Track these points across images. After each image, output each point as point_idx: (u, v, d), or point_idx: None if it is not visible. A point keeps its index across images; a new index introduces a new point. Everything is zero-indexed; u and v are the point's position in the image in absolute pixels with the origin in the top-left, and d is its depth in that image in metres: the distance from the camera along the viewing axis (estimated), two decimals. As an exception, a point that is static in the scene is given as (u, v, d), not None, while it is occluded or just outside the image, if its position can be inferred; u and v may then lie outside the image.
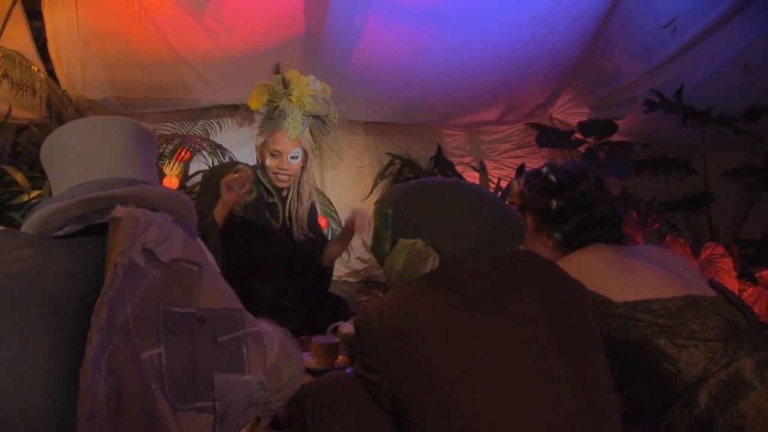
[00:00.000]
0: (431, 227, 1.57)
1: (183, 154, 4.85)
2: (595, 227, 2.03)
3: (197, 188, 5.14)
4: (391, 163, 6.31)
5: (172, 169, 4.70)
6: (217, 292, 1.24)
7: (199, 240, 1.30)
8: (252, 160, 5.22)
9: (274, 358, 1.34)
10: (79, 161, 1.29)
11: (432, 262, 1.55)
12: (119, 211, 1.11)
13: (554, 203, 2.08)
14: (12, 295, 1.00)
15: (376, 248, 1.71)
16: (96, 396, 0.92)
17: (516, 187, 2.26)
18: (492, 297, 1.41)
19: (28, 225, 1.20)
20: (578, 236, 2.05)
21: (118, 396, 0.96)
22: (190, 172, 5.31)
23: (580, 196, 2.05)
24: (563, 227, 2.07)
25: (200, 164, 5.36)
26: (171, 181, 4.58)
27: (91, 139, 1.31)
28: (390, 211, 1.64)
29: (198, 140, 5.07)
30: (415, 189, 1.66)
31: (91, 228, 1.21)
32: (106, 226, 1.22)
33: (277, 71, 3.08)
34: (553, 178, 2.09)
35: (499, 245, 1.58)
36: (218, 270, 1.32)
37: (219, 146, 5.04)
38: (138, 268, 1.08)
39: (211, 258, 1.32)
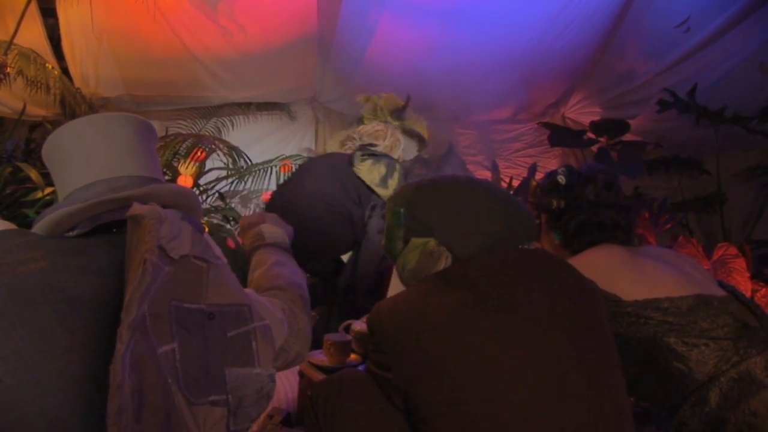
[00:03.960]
0: (444, 226, 1.57)
1: (198, 153, 4.88)
2: (594, 230, 2.04)
3: (212, 185, 5.17)
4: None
5: (187, 168, 4.72)
6: (224, 287, 1.25)
7: (206, 235, 1.31)
8: (263, 158, 5.23)
9: (282, 341, 1.37)
10: (85, 160, 1.29)
11: (444, 261, 1.55)
12: (140, 208, 1.12)
13: (554, 203, 2.10)
14: (29, 293, 1.00)
15: (389, 246, 1.71)
16: (123, 391, 0.93)
17: (533, 185, 2.29)
18: (504, 296, 1.41)
19: (40, 227, 1.21)
20: (577, 238, 2.06)
21: (140, 391, 0.98)
22: (205, 169, 5.33)
23: (583, 198, 2.06)
24: (562, 227, 2.09)
25: (214, 162, 5.38)
26: (186, 180, 4.61)
27: (95, 138, 1.31)
28: (402, 210, 1.65)
29: (213, 140, 5.08)
30: (428, 187, 1.67)
31: (99, 227, 1.22)
32: (114, 224, 1.23)
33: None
34: (561, 179, 2.11)
35: (512, 243, 1.59)
36: (225, 262, 1.33)
37: (235, 148, 5.06)
38: (155, 264, 1.09)
39: (218, 251, 1.33)
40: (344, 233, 3.09)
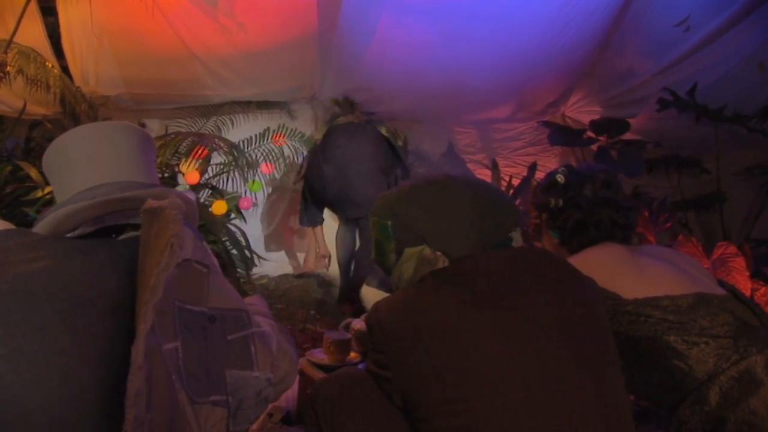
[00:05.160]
0: (435, 231, 1.57)
1: (200, 151, 4.89)
2: (591, 229, 2.04)
3: (211, 180, 5.17)
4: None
5: (188, 167, 4.72)
6: (224, 293, 1.27)
7: (204, 243, 1.32)
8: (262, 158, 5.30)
9: (272, 357, 1.38)
10: (90, 165, 1.31)
11: (441, 265, 1.55)
12: (158, 201, 1.13)
13: (552, 202, 2.10)
14: (31, 292, 1.01)
15: (381, 260, 1.70)
16: (143, 374, 0.94)
17: (534, 185, 2.30)
18: (502, 294, 1.41)
19: (42, 227, 1.21)
20: (575, 236, 2.07)
21: (151, 381, 0.98)
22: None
23: (580, 197, 2.06)
24: (559, 226, 2.10)
25: (214, 158, 5.38)
26: (193, 176, 4.63)
27: (101, 144, 1.33)
28: (390, 223, 1.63)
29: (214, 138, 5.08)
30: (410, 195, 1.64)
31: (98, 231, 1.23)
32: (114, 229, 1.24)
33: None
34: (559, 178, 2.11)
35: (502, 233, 1.58)
36: (221, 271, 1.34)
37: (235, 146, 5.06)
38: (181, 247, 1.10)
39: (215, 260, 1.34)
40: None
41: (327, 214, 5.31)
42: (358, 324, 2.46)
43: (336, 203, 4.82)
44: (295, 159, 5.79)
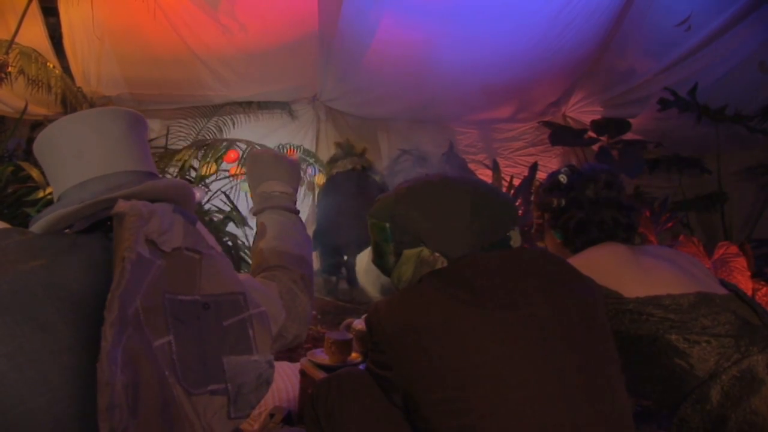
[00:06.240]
0: (433, 233, 1.56)
1: (232, 155, 4.92)
2: (594, 229, 2.04)
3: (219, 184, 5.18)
4: (399, 158, 6.31)
5: (209, 169, 4.74)
6: (218, 277, 1.25)
7: (199, 225, 1.30)
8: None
9: (279, 327, 1.37)
10: (78, 157, 1.28)
11: (440, 266, 1.55)
12: (122, 206, 1.12)
13: (555, 202, 2.10)
14: (31, 290, 1.00)
15: (380, 262, 1.70)
16: (114, 387, 0.93)
17: (535, 185, 2.30)
18: (501, 293, 1.41)
19: (37, 227, 1.20)
20: (577, 236, 2.07)
21: (135, 386, 0.98)
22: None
23: (583, 197, 2.06)
24: (562, 226, 2.10)
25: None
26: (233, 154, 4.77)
27: (87, 134, 1.29)
28: (388, 225, 1.63)
29: (246, 142, 5.06)
30: (408, 196, 1.64)
31: (97, 222, 1.22)
32: (110, 217, 1.24)
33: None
34: (562, 178, 2.11)
35: (500, 232, 1.58)
36: (220, 250, 1.32)
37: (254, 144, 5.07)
38: (144, 259, 1.08)
39: (212, 241, 1.32)
40: None
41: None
42: (359, 324, 2.46)
43: (351, 246, 5.20)
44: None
